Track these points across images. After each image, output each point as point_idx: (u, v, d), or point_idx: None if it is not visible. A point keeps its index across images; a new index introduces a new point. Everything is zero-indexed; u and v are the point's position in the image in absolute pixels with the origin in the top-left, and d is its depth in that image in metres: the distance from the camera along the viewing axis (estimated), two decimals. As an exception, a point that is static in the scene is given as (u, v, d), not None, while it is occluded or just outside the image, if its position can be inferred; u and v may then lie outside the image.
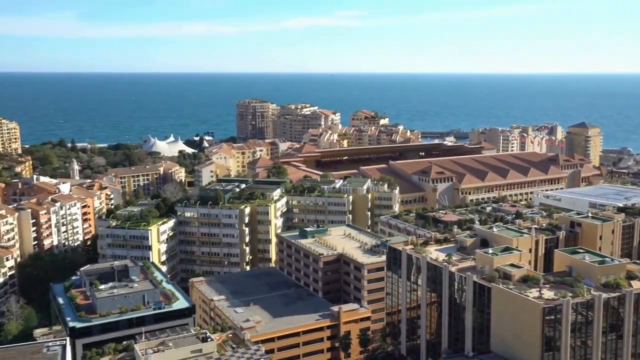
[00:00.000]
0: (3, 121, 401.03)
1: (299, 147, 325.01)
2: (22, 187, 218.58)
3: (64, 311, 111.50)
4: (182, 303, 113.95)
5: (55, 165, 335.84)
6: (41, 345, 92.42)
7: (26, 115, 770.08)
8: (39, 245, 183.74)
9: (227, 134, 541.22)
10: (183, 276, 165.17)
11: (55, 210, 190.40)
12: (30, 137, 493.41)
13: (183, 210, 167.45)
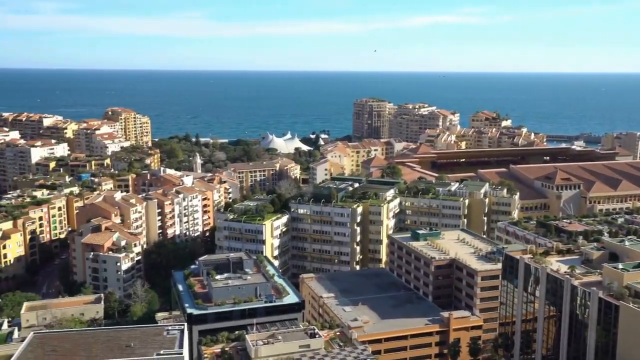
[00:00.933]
0: (137, 116, 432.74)
1: (414, 147, 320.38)
2: (150, 178, 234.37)
3: (183, 298, 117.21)
4: (292, 298, 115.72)
5: (180, 158, 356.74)
6: (162, 328, 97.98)
7: (157, 110, 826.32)
8: (163, 234, 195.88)
9: (343, 133, 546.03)
10: (294, 272, 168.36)
11: (179, 202, 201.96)
12: (159, 131, 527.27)
13: (297, 207, 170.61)
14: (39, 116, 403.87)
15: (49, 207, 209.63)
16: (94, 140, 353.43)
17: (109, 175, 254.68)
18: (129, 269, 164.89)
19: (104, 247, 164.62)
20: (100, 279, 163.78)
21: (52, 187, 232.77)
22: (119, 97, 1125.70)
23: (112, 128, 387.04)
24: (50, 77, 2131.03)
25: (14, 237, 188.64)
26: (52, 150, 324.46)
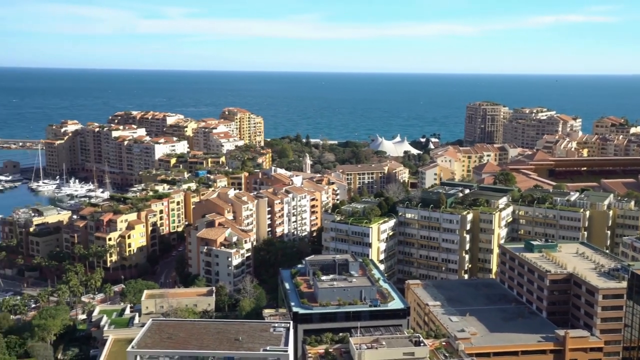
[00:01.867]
0: (251, 116, 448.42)
1: (530, 153, 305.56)
2: (262, 177, 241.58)
3: (289, 296, 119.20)
4: (397, 303, 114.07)
5: (291, 158, 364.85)
6: (269, 324, 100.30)
7: (270, 110, 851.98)
8: (272, 232, 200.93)
9: (454, 137, 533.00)
10: (400, 277, 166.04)
11: (288, 201, 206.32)
12: (272, 131, 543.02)
13: (404, 211, 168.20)
14: (163, 115, 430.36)
15: (169, 201, 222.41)
16: (211, 139, 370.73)
17: (224, 172, 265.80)
18: (239, 265, 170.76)
19: (217, 242, 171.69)
20: (212, 273, 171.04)
21: (172, 182, 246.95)
22: (235, 97, 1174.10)
23: (228, 127, 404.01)
24: (174, 78, 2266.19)
25: (138, 228, 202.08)
26: (173, 148, 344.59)
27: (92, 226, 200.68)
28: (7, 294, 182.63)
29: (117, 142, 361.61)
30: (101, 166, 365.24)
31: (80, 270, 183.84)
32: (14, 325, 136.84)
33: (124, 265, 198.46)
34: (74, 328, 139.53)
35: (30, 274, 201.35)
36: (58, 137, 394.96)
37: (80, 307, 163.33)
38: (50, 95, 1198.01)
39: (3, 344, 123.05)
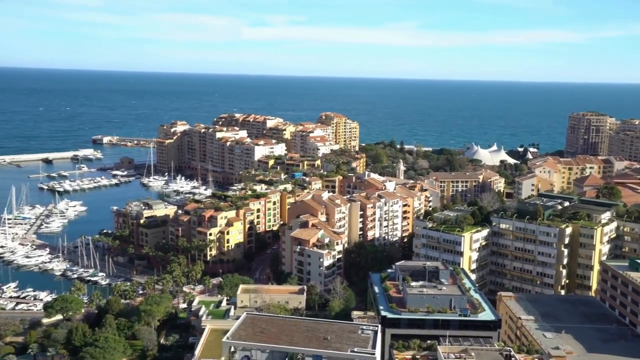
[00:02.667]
0: (347, 121, 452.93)
1: (638, 167, 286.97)
2: (355, 181, 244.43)
3: (378, 300, 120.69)
4: (488, 315, 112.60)
5: (384, 164, 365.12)
6: (357, 326, 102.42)
7: (366, 116, 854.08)
8: (363, 236, 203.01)
9: (554, 147, 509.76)
10: (491, 288, 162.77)
11: (380, 206, 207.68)
12: (366, 137, 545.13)
13: (498, 221, 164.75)
14: (264, 118, 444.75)
15: (265, 201, 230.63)
16: (308, 142, 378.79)
17: (319, 175, 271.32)
18: (330, 266, 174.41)
19: (309, 242, 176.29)
20: (304, 272, 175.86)
21: (269, 183, 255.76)
22: (332, 102, 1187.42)
23: (324, 131, 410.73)
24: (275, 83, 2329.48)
25: (236, 225, 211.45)
26: (272, 149, 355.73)
27: (194, 221, 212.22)
28: (118, 280, 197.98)
29: (220, 142, 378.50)
30: (205, 165, 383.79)
31: (183, 261, 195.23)
32: (124, 309, 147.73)
33: (222, 259, 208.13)
34: (175, 316, 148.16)
35: (139, 263, 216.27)
36: (168, 137, 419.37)
37: (181, 297, 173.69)
38: (164, 98, 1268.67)
39: (114, 325, 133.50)
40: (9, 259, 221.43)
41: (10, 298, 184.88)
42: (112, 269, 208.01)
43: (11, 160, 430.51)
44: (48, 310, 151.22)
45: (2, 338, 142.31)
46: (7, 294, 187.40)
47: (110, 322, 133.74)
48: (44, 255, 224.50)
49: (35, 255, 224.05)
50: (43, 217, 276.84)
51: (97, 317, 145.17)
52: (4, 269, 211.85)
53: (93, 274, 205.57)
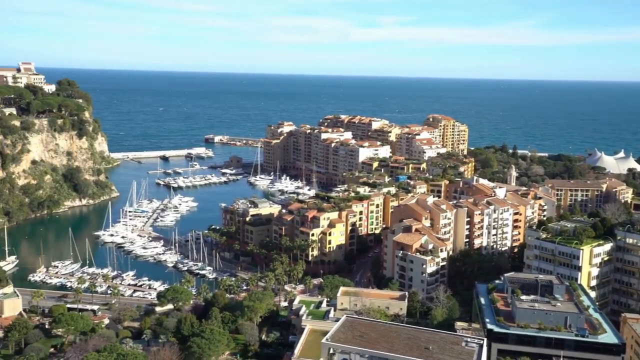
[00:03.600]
0: (456, 123, 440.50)
1: None
2: (462, 186, 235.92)
3: (484, 312, 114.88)
4: (610, 337, 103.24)
5: (494, 169, 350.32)
6: (460, 338, 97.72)
7: (477, 119, 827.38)
8: (470, 243, 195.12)
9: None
10: (614, 308, 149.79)
11: (489, 213, 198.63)
12: (476, 140, 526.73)
13: (624, 235, 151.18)
14: (369, 119, 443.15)
15: (368, 203, 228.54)
16: (413, 145, 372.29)
17: (424, 179, 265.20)
18: (433, 273, 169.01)
19: (412, 247, 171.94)
20: (406, 278, 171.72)
21: (372, 185, 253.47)
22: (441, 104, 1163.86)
23: (431, 134, 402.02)
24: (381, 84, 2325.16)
25: (338, 226, 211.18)
26: (376, 151, 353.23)
27: (297, 221, 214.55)
28: (224, 275, 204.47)
29: (325, 143, 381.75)
30: (309, 165, 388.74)
31: (285, 260, 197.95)
32: (228, 303, 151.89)
33: (324, 260, 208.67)
34: (276, 313, 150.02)
35: (244, 259, 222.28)
36: (275, 137, 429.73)
37: (283, 295, 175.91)
38: (272, 99, 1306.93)
39: (219, 318, 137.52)
40: (128, 249, 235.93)
41: (129, 285, 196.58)
42: (218, 263, 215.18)
43: (133, 157, 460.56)
44: (161, 300, 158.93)
45: (121, 322, 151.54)
46: (126, 281, 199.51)
47: (216, 315, 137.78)
48: (158, 247, 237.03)
49: (151, 247, 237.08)
50: (159, 211, 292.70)
51: (204, 309, 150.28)
52: (124, 258, 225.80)
53: (201, 268, 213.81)
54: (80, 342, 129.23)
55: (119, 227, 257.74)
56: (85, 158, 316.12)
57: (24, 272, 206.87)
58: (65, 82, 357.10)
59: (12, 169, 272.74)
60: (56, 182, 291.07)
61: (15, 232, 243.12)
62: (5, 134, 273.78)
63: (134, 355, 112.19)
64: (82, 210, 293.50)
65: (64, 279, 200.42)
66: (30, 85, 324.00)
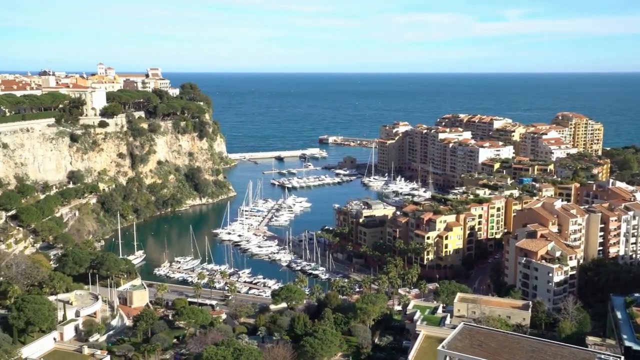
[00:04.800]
0: (589, 122, 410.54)
1: None
2: (596, 190, 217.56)
3: (621, 327, 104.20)
4: None
5: (634, 171, 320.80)
6: (593, 354, 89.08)
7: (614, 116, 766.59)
8: (604, 252, 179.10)
9: None
10: None
11: (627, 219, 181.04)
12: (614, 140, 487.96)
13: None
14: (490, 118, 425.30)
15: (488, 207, 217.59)
16: (540, 145, 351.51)
17: (551, 181, 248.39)
18: (561, 282, 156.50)
19: (537, 254, 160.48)
20: (529, 286, 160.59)
21: (493, 188, 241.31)
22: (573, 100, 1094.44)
23: (560, 133, 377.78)
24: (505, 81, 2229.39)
25: (455, 230, 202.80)
26: (498, 152, 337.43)
27: (412, 223, 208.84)
28: (337, 275, 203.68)
29: (442, 144, 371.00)
30: (425, 166, 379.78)
31: (399, 263, 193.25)
32: (341, 304, 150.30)
33: (439, 264, 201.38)
34: (390, 317, 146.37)
35: (357, 261, 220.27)
36: (389, 137, 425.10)
37: (396, 299, 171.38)
38: (387, 98, 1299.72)
39: (332, 319, 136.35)
40: (244, 247, 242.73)
41: (245, 282, 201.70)
42: (331, 264, 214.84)
43: (250, 157, 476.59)
44: (275, 298, 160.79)
45: (237, 318, 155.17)
46: (242, 278, 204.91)
47: (329, 316, 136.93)
48: (273, 246, 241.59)
49: (266, 246, 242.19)
50: (273, 211, 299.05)
51: (317, 309, 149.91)
52: (241, 256, 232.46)
53: (314, 268, 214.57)
54: (200, 334, 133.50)
55: (235, 225, 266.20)
56: (205, 158, 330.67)
57: (149, 266, 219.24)
58: (188, 85, 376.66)
59: (140, 169, 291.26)
60: (179, 182, 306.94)
61: (143, 228, 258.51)
62: (135, 136, 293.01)
63: (249, 350, 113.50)
64: (202, 209, 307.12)
65: (185, 274, 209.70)
66: (157, 90, 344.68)
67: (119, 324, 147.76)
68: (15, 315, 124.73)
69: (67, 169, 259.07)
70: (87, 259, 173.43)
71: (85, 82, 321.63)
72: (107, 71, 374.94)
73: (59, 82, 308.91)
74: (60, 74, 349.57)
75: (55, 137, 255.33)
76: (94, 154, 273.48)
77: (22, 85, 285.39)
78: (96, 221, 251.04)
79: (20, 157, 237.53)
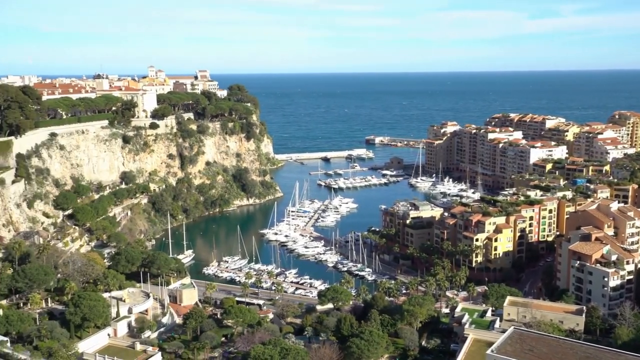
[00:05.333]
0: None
1: None
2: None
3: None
4: None
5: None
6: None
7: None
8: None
9: None
10: None
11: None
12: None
13: None
14: (542, 118, 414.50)
15: (540, 208, 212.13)
16: (595, 145, 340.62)
17: (607, 183, 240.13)
18: (617, 287, 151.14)
19: (591, 258, 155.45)
20: (583, 291, 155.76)
21: (545, 189, 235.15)
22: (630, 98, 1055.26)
23: (616, 133, 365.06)
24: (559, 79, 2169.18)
25: (505, 232, 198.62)
26: (550, 152, 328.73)
27: (461, 225, 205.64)
28: (383, 277, 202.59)
29: (491, 144, 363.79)
30: (474, 167, 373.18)
31: (447, 265, 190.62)
32: (388, 306, 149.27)
33: (488, 267, 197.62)
34: (437, 319, 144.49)
35: (403, 262, 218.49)
36: (437, 137, 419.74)
37: (444, 301, 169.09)
38: (435, 98, 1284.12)
39: (378, 320, 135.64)
40: (291, 247, 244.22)
41: (291, 283, 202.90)
42: (378, 265, 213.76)
43: (296, 158, 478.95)
44: (321, 298, 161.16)
45: (284, 318, 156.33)
46: (289, 278, 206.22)
47: (375, 317, 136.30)
48: (319, 246, 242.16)
49: (312, 246, 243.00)
50: (320, 212, 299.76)
51: (363, 310, 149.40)
52: (287, 257, 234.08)
53: (361, 269, 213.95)
54: (248, 333, 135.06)
55: (282, 226, 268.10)
56: (252, 159, 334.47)
57: (198, 265, 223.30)
58: (235, 87, 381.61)
59: (189, 170, 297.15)
60: (227, 182, 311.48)
61: (192, 228, 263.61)
62: (184, 137, 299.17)
63: (296, 350, 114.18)
64: (249, 209, 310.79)
65: (233, 274, 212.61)
66: (206, 91, 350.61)
67: (169, 322, 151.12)
68: (72, 311, 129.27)
69: (119, 169, 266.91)
70: (139, 258, 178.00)
71: (136, 85, 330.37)
72: (158, 74, 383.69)
73: (112, 85, 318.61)
74: (113, 77, 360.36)
75: (109, 139, 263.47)
76: (145, 155, 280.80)
77: (77, 88, 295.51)
78: (147, 221, 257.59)
79: (76, 158, 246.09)
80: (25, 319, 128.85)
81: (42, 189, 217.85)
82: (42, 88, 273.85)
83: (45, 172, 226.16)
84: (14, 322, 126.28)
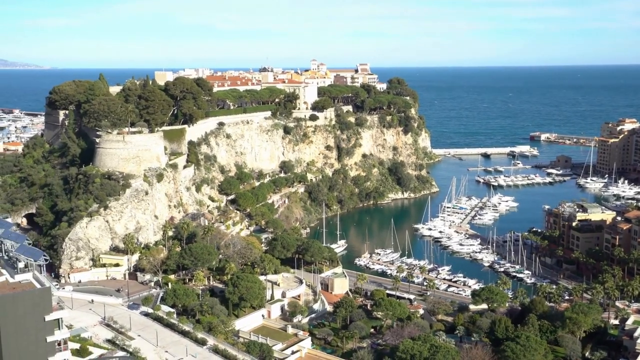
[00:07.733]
0: None
1: None
2: None
3: None
4: None
5: None
6: None
7: None
8: None
9: None
10: None
11: None
12: None
13: None
14: None
15: None
16: None
17: None
18: None
19: None
20: None
21: None
22: None
23: None
24: None
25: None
26: None
27: (636, 231, 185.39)
28: (544, 281, 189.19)
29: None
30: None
31: (618, 273, 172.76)
32: (548, 312, 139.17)
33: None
34: (604, 331, 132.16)
35: (567, 267, 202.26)
36: (612, 136, 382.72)
37: (612, 312, 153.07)
38: (613, 93, 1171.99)
39: (536, 326, 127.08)
40: (445, 244, 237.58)
41: (444, 280, 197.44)
42: (538, 268, 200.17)
43: (455, 153, 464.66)
44: (475, 298, 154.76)
45: (435, 315, 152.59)
46: (441, 275, 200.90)
47: (533, 322, 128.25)
48: (475, 245, 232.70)
49: (467, 244, 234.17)
50: (477, 209, 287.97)
51: (520, 314, 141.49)
52: (441, 253, 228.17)
53: (519, 271, 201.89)
54: (397, 327, 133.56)
55: (437, 221, 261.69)
56: (409, 153, 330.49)
57: (350, 255, 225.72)
58: (395, 80, 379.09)
59: (345, 162, 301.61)
60: (382, 175, 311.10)
61: (346, 218, 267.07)
62: (342, 129, 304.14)
63: (447, 349, 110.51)
64: (403, 203, 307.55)
65: (384, 266, 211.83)
66: (365, 85, 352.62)
67: (320, 309, 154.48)
68: (231, 290, 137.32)
69: (279, 159, 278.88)
70: (294, 245, 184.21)
71: (299, 78, 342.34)
72: (320, 67, 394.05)
73: (276, 77, 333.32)
74: (277, 70, 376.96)
75: (271, 129, 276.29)
76: (304, 145, 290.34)
77: (244, 81, 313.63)
78: (303, 209, 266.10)
79: (240, 146, 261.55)
80: (190, 294, 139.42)
81: (209, 175, 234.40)
82: (214, 80, 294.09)
83: (212, 158, 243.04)
84: (180, 296, 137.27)
